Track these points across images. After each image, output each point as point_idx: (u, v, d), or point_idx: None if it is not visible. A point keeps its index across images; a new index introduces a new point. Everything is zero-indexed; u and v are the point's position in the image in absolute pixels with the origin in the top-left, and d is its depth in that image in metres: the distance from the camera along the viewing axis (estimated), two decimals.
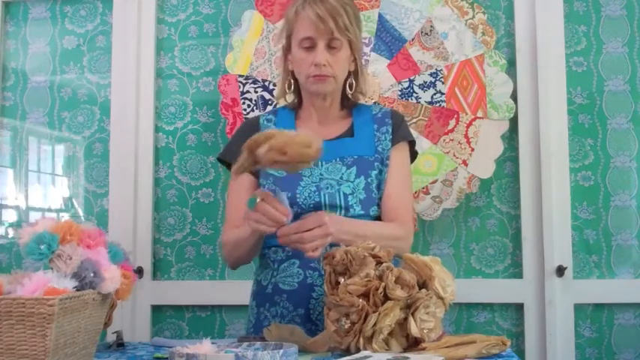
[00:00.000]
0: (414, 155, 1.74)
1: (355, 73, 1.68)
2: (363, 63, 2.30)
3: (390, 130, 1.66)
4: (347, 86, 1.68)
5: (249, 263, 1.72)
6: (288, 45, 1.65)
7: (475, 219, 2.34)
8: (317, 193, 1.56)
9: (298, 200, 1.56)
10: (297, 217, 1.56)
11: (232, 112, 2.34)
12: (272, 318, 1.57)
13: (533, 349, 2.25)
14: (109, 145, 2.47)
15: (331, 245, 1.45)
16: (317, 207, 1.55)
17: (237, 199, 1.66)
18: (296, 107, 1.72)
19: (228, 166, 1.73)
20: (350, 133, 1.66)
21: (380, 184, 1.62)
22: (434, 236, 2.34)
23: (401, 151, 1.68)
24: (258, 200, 1.37)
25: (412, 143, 1.72)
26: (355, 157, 1.61)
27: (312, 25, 1.56)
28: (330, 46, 1.58)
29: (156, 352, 1.44)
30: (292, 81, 1.68)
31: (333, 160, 1.60)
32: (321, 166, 1.59)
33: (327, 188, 1.56)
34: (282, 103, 1.80)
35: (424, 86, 2.30)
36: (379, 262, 1.31)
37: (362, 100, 1.75)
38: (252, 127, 1.70)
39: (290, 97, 1.73)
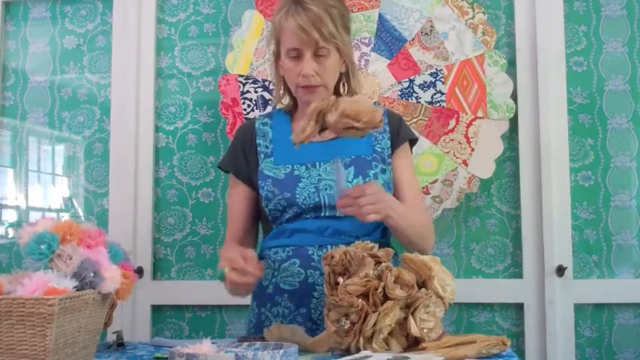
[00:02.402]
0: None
1: (347, 75, 1.66)
2: (363, 64, 2.31)
3: (388, 129, 1.66)
4: (341, 86, 1.67)
5: None
6: (279, 51, 1.64)
7: (475, 219, 2.34)
8: (316, 193, 1.56)
9: (298, 201, 1.56)
10: (298, 216, 1.57)
11: (232, 112, 2.34)
12: (273, 318, 1.57)
13: (533, 349, 2.25)
14: (109, 145, 2.47)
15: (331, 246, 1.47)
16: (317, 207, 1.56)
17: (233, 210, 1.69)
18: (291, 110, 1.71)
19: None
20: None
21: (387, 184, 1.62)
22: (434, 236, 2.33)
23: (406, 152, 1.69)
24: (226, 272, 1.38)
25: (413, 142, 1.72)
26: (353, 157, 1.60)
27: (296, 36, 1.53)
28: (317, 55, 1.56)
29: (156, 352, 1.44)
30: (283, 86, 1.68)
31: (331, 161, 1.60)
32: (319, 166, 1.59)
33: (326, 189, 1.56)
34: (279, 105, 1.80)
35: (424, 86, 2.30)
36: (378, 262, 1.31)
37: None
38: (248, 131, 1.69)
39: (286, 100, 1.73)
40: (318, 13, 1.52)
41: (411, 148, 1.73)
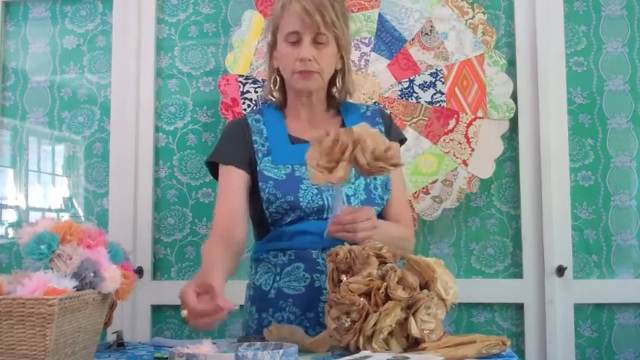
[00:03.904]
0: None
1: (342, 72, 1.65)
2: (363, 64, 2.31)
3: (383, 129, 1.66)
4: (335, 84, 1.66)
5: None
6: (274, 41, 1.63)
7: (475, 219, 2.34)
8: (319, 195, 1.54)
9: (301, 204, 1.54)
10: (299, 219, 1.55)
11: (232, 112, 2.34)
12: (278, 323, 1.52)
13: (533, 349, 2.25)
14: (109, 145, 2.47)
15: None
16: (320, 210, 1.54)
17: (227, 200, 1.59)
18: (282, 106, 1.69)
19: (215, 172, 1.66)
20: None
21: (386, 184, 1.62)
22: (434, 236, 2.34)
23: None
24: (184, 316, 1.25)
25: (402, 141, 1.72)
26: None
27: (298, 18, 1.54)
28: (316, 42, 1.56)
29: (156, 352, 1.44)
30: (278, 78, 1.65)
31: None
32: None
33: (329, 190, 1.55)
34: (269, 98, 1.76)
35: (424, 86, 2.30)
36: (383, 262, 1.31)
37: (347, 99, 1.72)
38: (242, 126, 1.66)
39: (276, 95, 1.69)
40: (323, 0, 1.55)
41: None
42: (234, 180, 1.60)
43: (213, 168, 1.68)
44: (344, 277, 1.31)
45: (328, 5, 1.56)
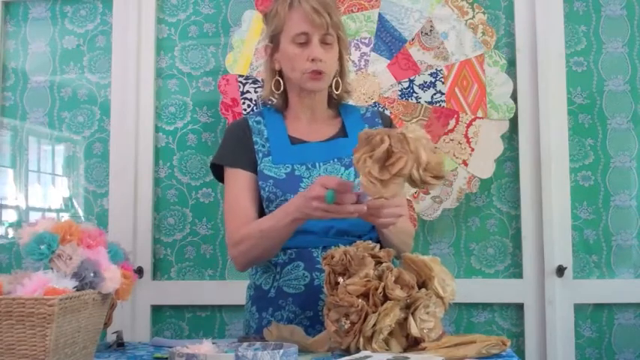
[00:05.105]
0: None
1: (341, 73, 1.66)
2: (363, 64, 2.31)
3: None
4: (333, 85, 1.66)
5: (267, 259, 1.58)
6: (276, 43, 1.63)
7: (475, 219, 2.34)
8: None
9: None
10: None
11: (232, 112, 2.34)
12: (278, 323, 1.52)
13: (533, 349, 2.25)
14: (109, 145, 2.47)
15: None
16: None
17: (242, 196, 1.59)
18: (282, 109, 1.68)
19: (220, 174, 1.67)
20: (343, 133, 1.65)
21: None
22: (434, 236, 2.34)
23: None
24: (334, 192, 1.31)
25: None
26: (352, 157, 1.60)
27: (308, 19, 1.55)
28: (323, 42, 1.57)
29: (156, 352, 1.44)
30: (280, 80, 1.65)
31: (331, 161, 1.59)
32: (320, 167, 1.59)
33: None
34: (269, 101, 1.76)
35: (424, 86, 2.30)
36: (379, 262, 1.31)
37: (347, 100, 1.73)
38: (243, 128, 1.66)
39: (276, 97, 1.69)
40: (328, 1, 1.58)
41: None
42: (242, 182, 1.60)
43: (216, 170, 1.69)
44: (341, 280, 1.31)
45: (333, 6, 1.58)
